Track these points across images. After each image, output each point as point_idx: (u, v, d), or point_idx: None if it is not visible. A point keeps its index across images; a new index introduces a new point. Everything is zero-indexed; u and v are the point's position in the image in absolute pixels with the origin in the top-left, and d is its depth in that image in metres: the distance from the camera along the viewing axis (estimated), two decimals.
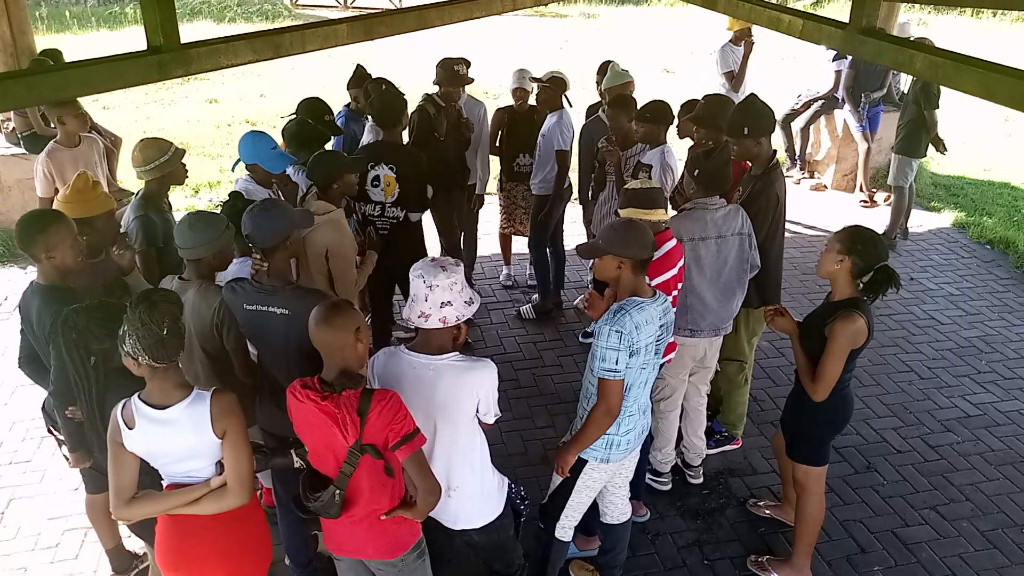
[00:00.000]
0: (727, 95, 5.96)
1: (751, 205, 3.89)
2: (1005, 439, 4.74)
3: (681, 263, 3.55)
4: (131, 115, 10.18)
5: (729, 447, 4.53)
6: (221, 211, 3.40)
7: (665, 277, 3.44)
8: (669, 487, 4.20)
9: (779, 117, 7.83)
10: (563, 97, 5.39)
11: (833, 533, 3.97)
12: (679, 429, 4.15)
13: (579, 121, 5.66)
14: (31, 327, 3.07)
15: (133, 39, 11.89)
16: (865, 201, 8.10)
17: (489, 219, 6.50)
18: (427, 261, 2.68)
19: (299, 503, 2.53)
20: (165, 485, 2.52)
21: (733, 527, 4.02)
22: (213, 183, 8.11)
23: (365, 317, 4.44)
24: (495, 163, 5.96)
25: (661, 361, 3.46)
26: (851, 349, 3.17)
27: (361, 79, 5.32)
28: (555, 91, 5.35)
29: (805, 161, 8.72)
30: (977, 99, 2.47)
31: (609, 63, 5.56)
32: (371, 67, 5.58)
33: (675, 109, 4.75)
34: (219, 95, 11.24)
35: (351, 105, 5.47)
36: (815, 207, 8.01)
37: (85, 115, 5.26)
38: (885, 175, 7.68)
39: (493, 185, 6.53)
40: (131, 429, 2.38)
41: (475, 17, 3.98)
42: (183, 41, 2.67)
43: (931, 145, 6.91)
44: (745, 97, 4.20)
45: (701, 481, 4.27)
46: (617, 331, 2.80)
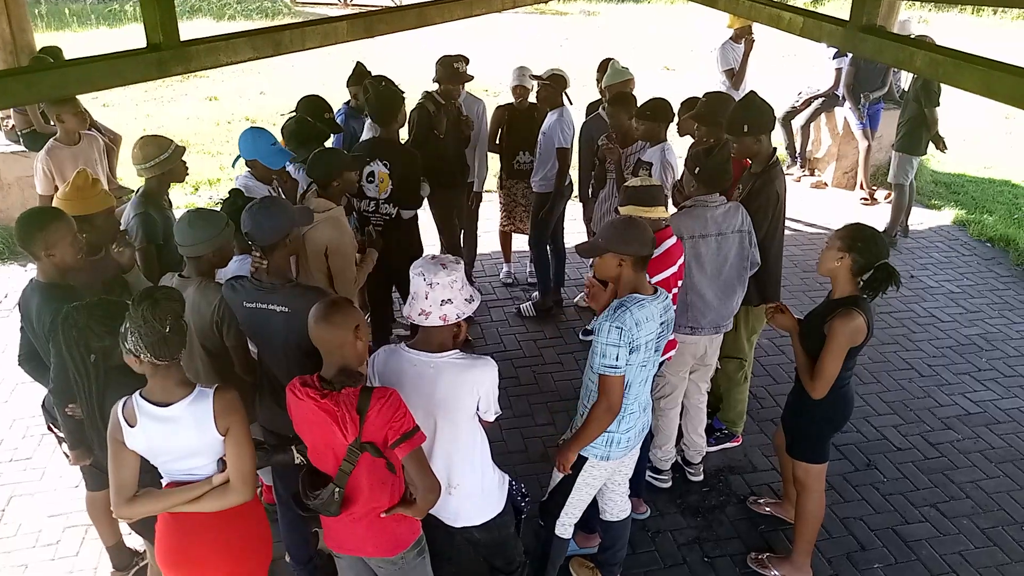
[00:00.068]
0: (728, 93, 5.95)
1: (751, 203, 3.89)
2: (1005, 436, 4.74)
3: (681, 261, 3.55)
4: (131, 113, 10.18)
5: (729, 445, 4.53)
6: (221, 208, 3.40)
7: (665, 275, 3.44)
8: (669, 484, 4.20)
9: (779, 115, 7.84)
10: (563, 95, 5.38)
11: (833, 530, 3.97)
12: (679, 427, 4.15)
13: (579, 119, 5.66)
14: (31, 325, 3.07)
15: (133, 37, 11.87)
16: (865, 199, 8.10)
17: (489, 217, 6.49)
18: (427, 259, 2.68)
19: (299, 501, 2.52)
20: (165, 483, 2.52)
21: (733, 524, 4.02)
22: (213, 180, 8.11)
23: (365, 315, 4.45)
24: (495, 161, 5.95)
25: (661, 359, 3.47)
26: (850, 347, 3.17)
27: (361, 77, 5.31)
28: (555, 89, 5.34)
29: (805, 159, 8.71)
30: (978, 97, 2.47)
31: (609, 61, 5.56)
32: (371, 65, 5.58)
33: (675, 107, 4.75)
34: (219, 93, 11.23)
35: (351, 103, 5.46)
36: (815, 205, 8.01)
37: (84, 113, 5.26)
38: (885, 173, 7.68)
39: (493, 183, 6.53)
40: (132, 427, 2.37)
41: (475, 14, 3.99)
42: (183, 39, 2.68)
43: (931, 143, 6.91)
44: (745, 95, 4.20)
45: (701, 479, 4.28)
46: (617, 327, 2.80)
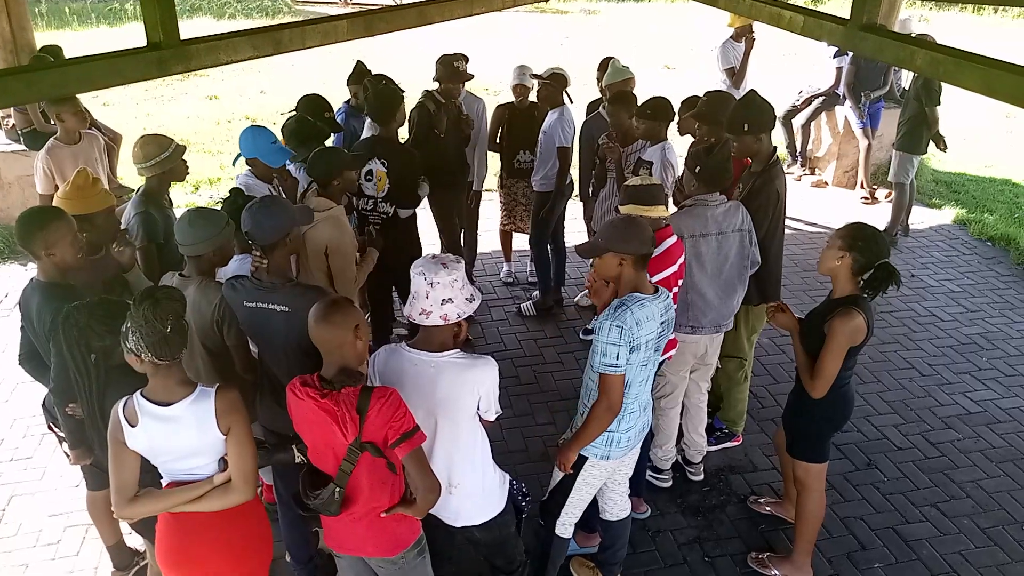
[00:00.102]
0: (728, 92, 5.94)
1: (751, 201, 3.89)
2: (1006, 436, 4.74)
3: (681, 260, 3.55)
4: (131, 112, 10.17)
5: (730, 444, 4.53)
6: (222, 207, 3.40)
7: (665, 274, 3.44)
8: (670, 484, 4.20)
9: (780, 114, 7.83)
10: (564, 94, 5.38)
11: (834, 530, 3.97)
12: (680, 426, 4.15)
13: (580, 118, 5.65)
14: (31, 324, 3.07)
15: (133, 35, 11.87)
16: (866, 198, 8.09)
17: (490, 216, 6.49)
18: (428, 258, 2.67)
19: (299, 500, 2.52)
20: (165, 483, 2.51)
21: (734, 524, 4.02)
22: (213, 179, 8.11)
23: (365, 314, 4.45)
24: (496, 160, 5.95)
25: (662, 358, 3.46)
26: (850, 346, 3.16)
27: (361, 75, 5.31)
28: (556, 88, 5.33)
29: (806, 157, 8.71)
30: (978, 96, 2.47)
31: (610, 59, 5.56)
32: (371, 63, 5.57)
33: (676, 106, 4.74)
34: (219, 91, 11.22)
35: (351, 101, 5.46)
36: (816, 204, 8.01)
37: (84, 112, 5.25)
38: (886, 172, 7.67)
39: (493, 182, 6.53)
40: (133, 427, 2.37)
41: (475, 13, 3.98)
42: (183, 37, 2.67)
43: (932, 142, 6.91)
44: (745, 93, 4.20)
45: (702, 478, 4.27)
46: (618, 326, 2.80)
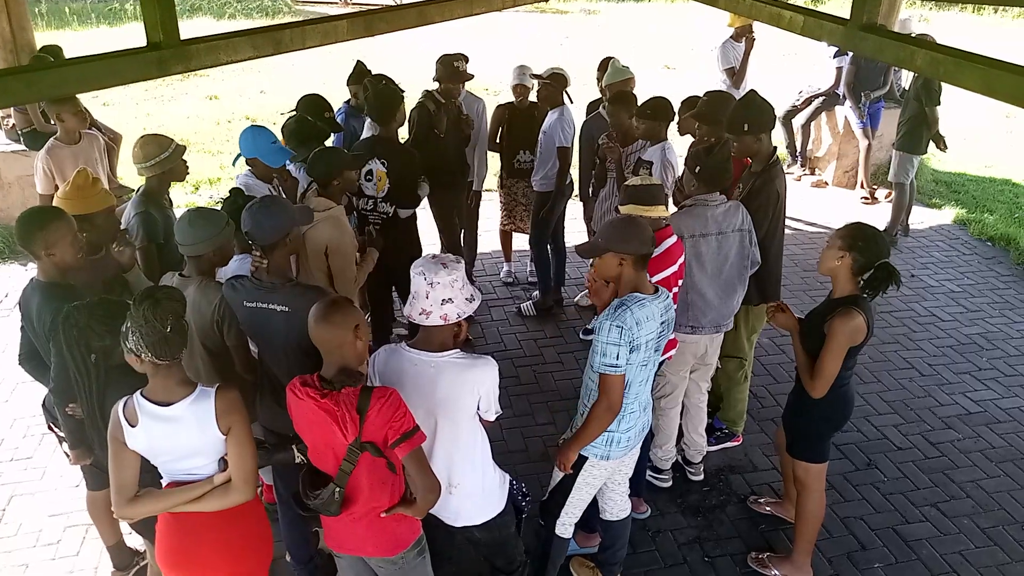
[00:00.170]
0: (728, 92, 5.94)
1: (751, 201, 3.89)
2: (1006, 436, 4.74)
3: (681, 260, 3.55)
4: (131, 112, 10.17)
5: (730, 444, 4.53)
6: (222, 207, 3.40)
7: (665, 274, 3.44)
8: (670, 484, 4.20)
9: (780, 114, 7.83)
10: (564, 94, 5.38)
11: (834, 530, 3.97)
12: (680, 426, 4.15)
13: (580, 118, 5.65)
14: (31, 324, 3.07)
15: (133, 35, 11.87)
16: (866, 198, 8.09)
17: (490, 216, 6.49)
18: (428, 258, 2.67)
19: (299, 501, 2.52)
20: (165, 484, 2.51)
21: (734, 524, 4.02)
22: (213, 180, 8.11)
23: (365, 314, 4.44)
24: (496, 160, 5.95)
25: (662, 358, 3.46)
26: (850, 346, 3.16)
27: (361, 75, 5.31)
28: (556, 88, 5.33)
29: (806, 157, 8.71)
30: (978, 96, 2.47)
31: (610, 59, 5.55)
32: (371, 63, 5.57)
33: (676, 106, 4.74)
34: (219, 91, 11.23)
35: (351, 101, 5.45)
36: (816, 204, 8.01)
37: (84, 112, 5.25)
38: (886, 172, 7.67)
39: (493, 182, 6.53)
40: (134, 427, 2.37)
41: (475, 13, 3.98)
42: (183, 37, 2.67)
43: (932, 142, 6.90)
44: (745, 93, 4.20)
45: (702, 478, 4.27)
46: (618, 326, 2.80)
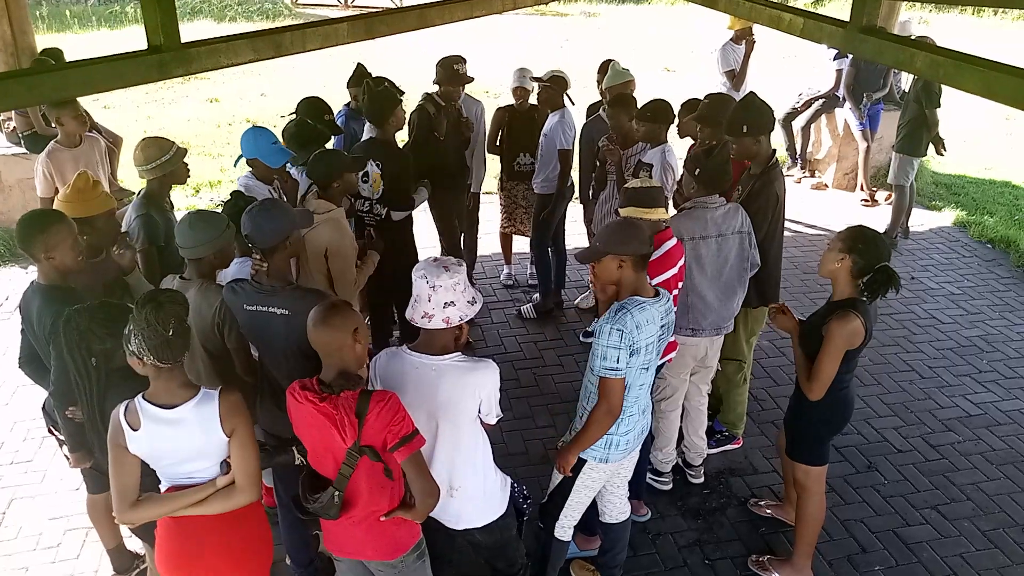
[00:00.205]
0: (728, 94, 5.94)
1: (751, 204, 3.89)
2: (1006, 438, 4.74)
3: (681, 262, 3.55)
4: (132, 114, 10.18)
5: (730, 447, 4.53)
6: (223, 210, 3.40)
7: (665, 276, 3.44)
8: (670, 487, 4.20)
9: (780, 116, 7.83)
10: (564, 96, 5.38)
11: (834, 533, 3.97)
12: (680, 429, 4.14)
13: (580, 120, 5.65)
14: (31, 327, 3.07)
15: (134, 38, 11.87)
16: (866, 200, 8.09)
17: (490, 218, 6.49)
18: (429, 261, 2.67)
19: (298, 504, 2.52)
20: (164, 488, 2.51)
21: (734, 527, 4.02)
22: (214, 182, 8.12)
23: (364, 318, 4.44)
24: (496, 162, 5.95)
25: (662, 361, 3.46)
26: (848, 349, 3.16)
27: (361, 78, 5.30)
28: (556, 90, 5.34)
29: (806, 160, 8.71)
30: (978, 98, 2.47)
31: (610, 62, 5.56)
32: (371, 66, 5.57)
33: (676, 108, 4.74)
34: (220, 94, 11.24)
35: (351, 104, 5.46)
36: (816, 206, 8.01)
37: (84, 116, 5.25)
38: (886, 174, 7.67)
39: (492, 184, 6.53)
40: (135, 430, 2.36)
41: (475, 16, 3.98)
42: (183, 40, 2.67)
43: (932, 144, 6.91)
44: (745, 96, 4.20)
45: (702, 481, 4.27)
46: (618, 329, 2.80)
